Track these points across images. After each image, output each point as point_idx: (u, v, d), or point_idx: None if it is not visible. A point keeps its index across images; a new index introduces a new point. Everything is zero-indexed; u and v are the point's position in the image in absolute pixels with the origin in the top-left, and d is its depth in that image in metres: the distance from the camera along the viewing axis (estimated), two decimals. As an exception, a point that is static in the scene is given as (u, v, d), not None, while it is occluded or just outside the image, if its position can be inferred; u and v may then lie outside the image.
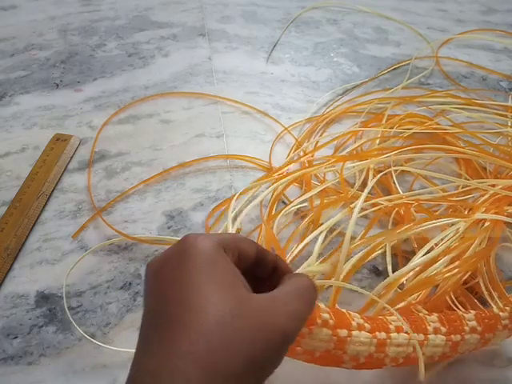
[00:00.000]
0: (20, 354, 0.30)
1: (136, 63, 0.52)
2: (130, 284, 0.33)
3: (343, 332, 0.22)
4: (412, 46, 0.56)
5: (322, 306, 0.23)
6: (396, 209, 0.35)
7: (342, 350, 0.22)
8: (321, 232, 0.30)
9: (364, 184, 0.37)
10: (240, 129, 0.45)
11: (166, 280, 0.18)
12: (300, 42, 0.56)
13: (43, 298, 0.32)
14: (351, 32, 0.58)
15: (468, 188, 0.37)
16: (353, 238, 0.34)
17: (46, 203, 0.38)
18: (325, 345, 0.22)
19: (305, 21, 0.59)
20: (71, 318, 0.31)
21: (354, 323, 0.23)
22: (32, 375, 0.29)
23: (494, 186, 0.35)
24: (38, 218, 0.37)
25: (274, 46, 0.55)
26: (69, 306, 0.32)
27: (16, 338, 0.31)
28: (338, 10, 0.61)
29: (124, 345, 0.30)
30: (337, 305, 0.26)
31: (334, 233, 0.34)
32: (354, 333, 0.23)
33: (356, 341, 0.22)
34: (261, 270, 0.22)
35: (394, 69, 0.52)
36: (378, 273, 0.34)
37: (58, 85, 0.49)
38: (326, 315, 0.22)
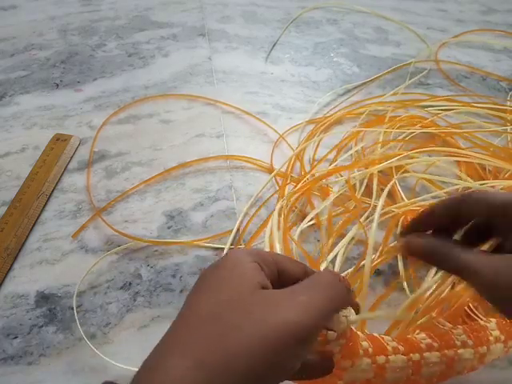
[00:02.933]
0: (20, 354, 0.30)
1: (136, 63, 0.52)
2: (130, 284, 0.33)
3: (381, 359, 0.22)
4: (412, 45, 0.56)
5: (359, 334, 0.22)
6: (403, 216, 0.35)
7: (382, 377, 0.22)
8: (342, 246, 0.30)
9: (368, 190, 0.37)
10: (240, 129, 0.45)
11: (197, 288, 0.19)
12: (300, 41, 0.56)
13: (43, 298, 0.32)
14: (351, 32, 0.58)
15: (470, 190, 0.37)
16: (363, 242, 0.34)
17: (45, 203, 0.38)
18: (365, 375, 0.21)
19: (305, 21, 0.59)
20: (75, 317, 0.31)
21: (389, 348, 0.22)
22: (32, 375, 0.29)
23: (493, 187, 0.35)
24: (37, 218, 0.37)
25: (274, 45, 0.55)
26: (69, 306, 0.32)
27: (16, 338, 0.31)
28: (337, 10, 0.61)
29: (124, 345, 0.30)
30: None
31: (346, 239, 0.34)
32: (391, 358, 0.22)
33: (394, 366, 0.22)
34: None
35: (394, 69, 0.52)
36: (378, 272, 0.34)
37: (58, 85, 0.49)
38: (365, 343, 0.22)
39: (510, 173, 0.38)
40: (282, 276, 0.19)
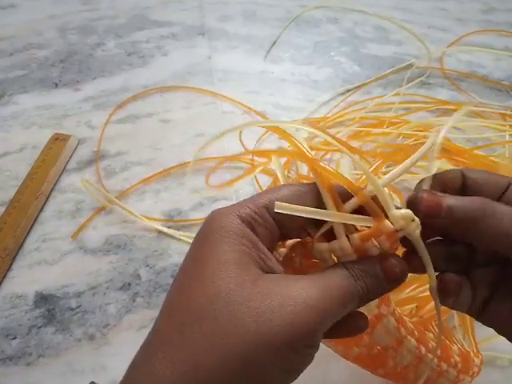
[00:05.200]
0: (19, 355, 0.30)
1: (135, 62, 0.51)
2: (130, 285, 0.33)
3: (403, 331, 0.21)
4: (413, 44, 0.55)
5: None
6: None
7: (397, 351, 0.21)
8: None
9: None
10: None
11: (185, 275, 0.16)
12: (300, 40, 0.56)
13: (42, 299, 0.32)
14: (352, 31, 0.57)
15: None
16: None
17: (44, 203, 0.38)
18: (388, 339, 0.20)
19: (305, 20, 0.59)
20: (74, 317, 0.31)
21: (408, 326, 0.22)
22: (31, 376, 0.29)
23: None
24: (36, 218, 0.37)
25: (273, 44, 0.55)
26: (68, 307, 0.32)
27: (15, 338, 0.30)
28: (338, 8, 0.61)
29: (123, 346, 0.30)
30: None
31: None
32: (409, 337, 0.21)
33: (408, 346, 0.21)
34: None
35: (396, 70, 0.51)
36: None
37: (56, 84, 0.49)
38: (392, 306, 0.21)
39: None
40: (285, 222, 0.16)
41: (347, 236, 0.16)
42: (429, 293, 0.18)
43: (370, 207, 0.16)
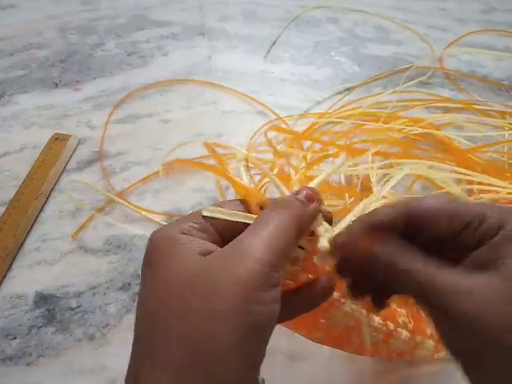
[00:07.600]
0: (19, 355, 0.30)
1: (135, 62, 0.51)
2: (130, 285, 0.33)
3: (363, 312, 0.22)
4: (413, 44, 0.55)
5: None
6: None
7: (359, 330, 0.22)
8: None
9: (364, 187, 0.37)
10: (240, 128, 0.45)
11: (143, 288, 0.18)
12: (300, 40, 0.56)
13: (42, 299, 0.32)
14: (352, 31, 0.57)
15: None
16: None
17: (44, 203, 0.38)
18: (347, 320, 0.21)
19: (305, 19, 0.59)
20: (74, 317, 0.31)
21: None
22: (31, 376, 0.29)
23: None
24: (36, 218, 0.37)
25: (273, 44, 0.55)
26: (68, 307, 0.32)
27: (15, 338, 0.30)
28: (338, 8, 0.61)
29: (123, 346, 0.30)
30: None
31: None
32: (371, 315, 0.22)
33: (372, 325, 0.22)
34: None
35: (396, 71, 0.51)
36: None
37: (56, 84, 0.49)
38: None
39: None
40: (224, 230, 0.18)
41: None
42: None
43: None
